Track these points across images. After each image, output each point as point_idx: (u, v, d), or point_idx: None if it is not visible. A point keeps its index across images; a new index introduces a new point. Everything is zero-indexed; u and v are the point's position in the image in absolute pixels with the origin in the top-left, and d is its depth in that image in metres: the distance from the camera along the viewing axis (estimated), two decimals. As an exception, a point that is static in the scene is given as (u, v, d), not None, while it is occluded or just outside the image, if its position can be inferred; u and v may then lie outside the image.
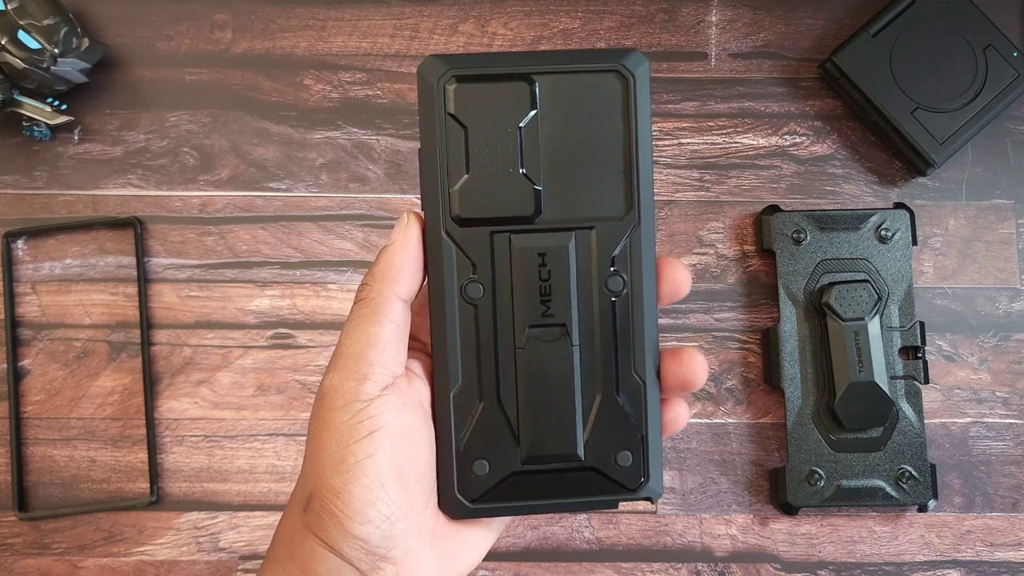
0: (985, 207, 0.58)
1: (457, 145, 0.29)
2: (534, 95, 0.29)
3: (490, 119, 0.29)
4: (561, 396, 0.30)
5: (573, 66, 0.29)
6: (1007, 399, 0.56)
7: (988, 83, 0.56)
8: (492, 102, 0.29)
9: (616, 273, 0.30)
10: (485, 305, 0.30)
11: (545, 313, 0.30)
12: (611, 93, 0.30)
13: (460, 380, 0.30)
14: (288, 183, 0.57)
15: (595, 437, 0.30)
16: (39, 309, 0.56)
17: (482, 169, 0.29)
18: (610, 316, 0.30)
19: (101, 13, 0.58)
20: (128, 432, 0.55)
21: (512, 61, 0.29)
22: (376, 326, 0.28)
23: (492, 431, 0.30)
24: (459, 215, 0.29)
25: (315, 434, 0.28)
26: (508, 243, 0.30)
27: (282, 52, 0.58)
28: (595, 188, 0.30)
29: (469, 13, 0.59)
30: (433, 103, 0.29)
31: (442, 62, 0.29)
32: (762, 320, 0.56)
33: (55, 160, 0.57)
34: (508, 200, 0.29)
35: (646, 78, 0.30)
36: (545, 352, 0.30)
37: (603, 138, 0.30)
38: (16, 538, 0.54)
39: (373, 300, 0.28)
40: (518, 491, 0.30)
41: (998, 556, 0.54)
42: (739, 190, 0.58)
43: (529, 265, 0.30)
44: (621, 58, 0.29)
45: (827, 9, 0.60)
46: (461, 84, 0.29)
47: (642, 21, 0.59)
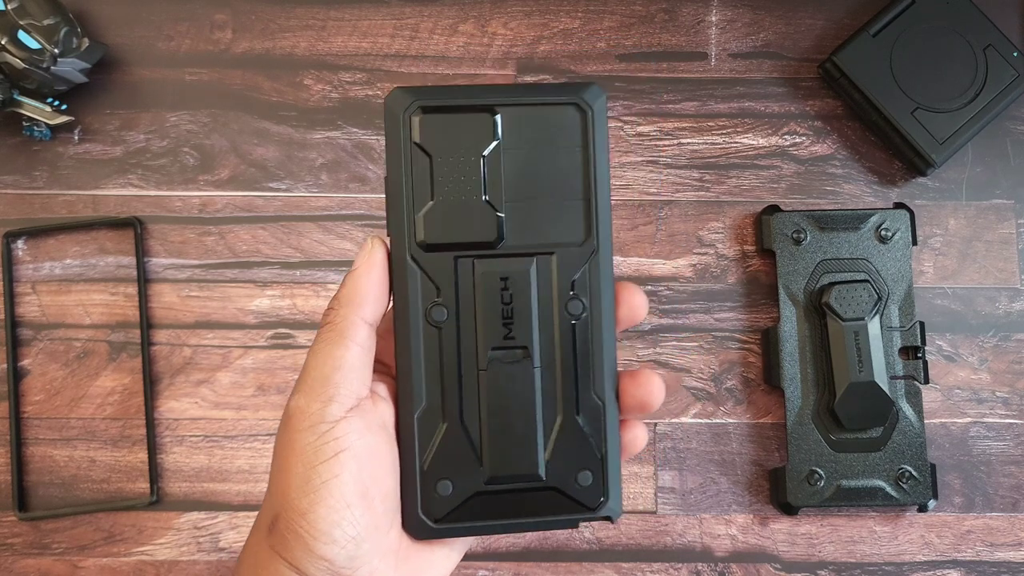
0: (985, 207, 0.58)
1: (422, 173, 0.30)
2: (496, 126, 0.30)
3: (454, 148, 0.30)
4: (523, 417, 0.31)
5: (534, 99, 0.31)
6: (1007, 399, 0.56)
7: (988, 83, 0.56)
8: (456, 132, 0.30)
9: (576, 297, 0.31)
10: (449, 328, 0.30)
11: (507, 336, 0.31)
12: (571, 125, 0.31)
13: (424, 401, 0.30)
14: (288, 183, 0.57)
15: (556, 457, 0.31)
16: (39, 309, 0.56)
17: (446, 196, 0.30)
18: (570, 339, 0.31)
19: (101, 13, 0.58)
20: (128, 432, 0.55)
21: (476, 93, 0.31)
22: (342, 349, 0.29)
23: (455, 452, 0.30)
24: (424, 240, 0.30)
25: (280, 455, 0.28)
26: (472, 267, 0.31)
27: (282, 52, 0.58)
28: (556, 215, 0.31)
29: (469, 13, 0.59)
30: (399, 133, 0.30)
31: (408, 94, 0.30)
32: (762, 320, 0.56)
33: (55, 160, 0.57)
34: (471, 226, 0.30)
35: (603, 110, 0.31)
36: (507, 374, 0.31)
37: (563, 168, 0.31)
38: (16, 538, 0.54)
39: (339, 324, 0.29)
40: (481, 511, 0.31)
41: (998, 556, 0.54)
42: (739, 190, 0.58)
43: (492, 289, 0.31)
44: (580, 91, 0.31)
45: (827, 9, 0.60)
46: (426, 115, 0.30)
47: (642, 21, 0.59)
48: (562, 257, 0.31)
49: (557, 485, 0.31)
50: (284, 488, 0.28)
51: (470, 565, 0.54)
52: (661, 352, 0.56)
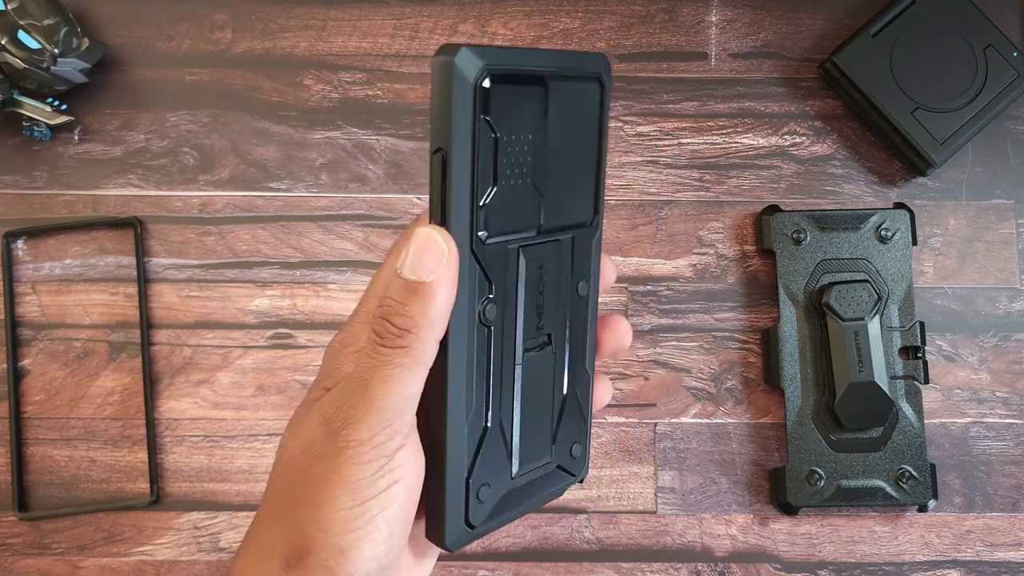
0: (985, 207, 0.58)
1: (487, 154, 0.25)
2: (547, 100, 0.27)
3: (515, 125, 0.26)
4: (545, 403, 0.30)
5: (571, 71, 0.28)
6: (1007, 399, 0.56)
7: (988, 83, 0.56)
8: (516, 107, 0.26)
9: (583, 277, 0.30)
10: (498, 325, 0.27)
11: (538, 326, 0.29)
12: (592, 100, 0.29)
13: (473, 407, 0.27)
14: (288, 183, 0.57)
15: (560, 435, 0.30)
16: (39, 309, 0.56)
17: (508, 180, 0.26)
18: (575, 319, 0.30)
19: (101, 13, 0.58)
20: (128, 432, 0.55)
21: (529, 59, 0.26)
22: (416, 379, 0.25)
23: (494, 453, 0.28)
24: (487, 232, 0.26)
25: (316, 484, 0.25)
26: (517, 257, 0.27)
27: (282, 52, 0.58)
28: (572, 194, 0.29)
29: (469, 13, 0.59)
30: (468, 105, 0.24)
31: (477, 55, 0.24)
32: (762, 320, 0.56)
33: (55, 160, 0.57)
34: (524, 214, 0.27)
35: (610, 83, 0.30)
36: (537, 364, 0.29)
37: (582, 146, 0.29)
38: (16, 538, 0.54)
39: (417, 350, 0.25)
40: (507, 506, 0.29)
41: (998, 556, 0.54)
42: (739, 190, 0.58)
43: (532, 279, 0.28)
44: (599, 63, 0.29)
45: (827, 9, 0.60)
46: (496, 84, 0.25)
47: (642, 21, 0.59)
48: (577, 238, 0.29)
49: (559, 462, 0.31)
50: (322, 522, 0.25)
51: (470, 565, 0.54)
52: (661, 352, 0.56)
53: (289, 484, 0.26)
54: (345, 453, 0.25)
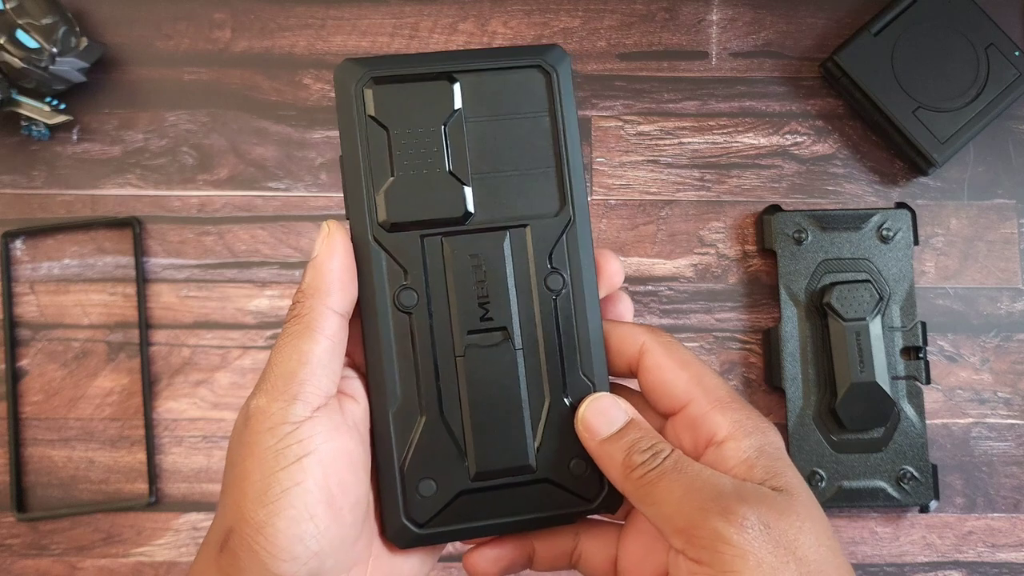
0: (987, 207, 0.58)
1: (380, 148, 0.28)
2: (455, 94, 0.29)
3: (412, 120, 0.28)
4: (508, 404, 0.28)
5: (493, 63, 0.29)
6: (1009, 399, 0.56)
7: (990, 82, 0.56)
8: (413, 103, 0.28)
9: (555, 271, 0.29)
10: (420, 313, 0.28)
11: (484, 317, 0.28)
12: (536, 89, 0.29)
13: (399, 395, 0.28)
14: (287, 183, 0.57)
15: (546, 446, 0.29)
16: (37, 309, 0.56)
17: (407, 171, 0.28)
18: (552, 316, 0.29)
19: (100, 12, 0.58)
20: (127, 432, 0.55)
21: (431, 61, 0.29)
22: (309, 343, 0.26)
23: (437, 447, 0.28)
24: (387, 220, 0.28)
25: (235, 462, 0.25)
26: (440, 246, 0.28)
27: (281, 51, 0.58)
28: (526, 186, 0.29)
29: (469, 12, 0.59)
30: (352, 107, 0.28)
31: (359, 65, 0.28)
32: (763, 320, 0.56)
33: (53, 160, 0.57)
34: (437, 202, 0.28)
35: (568, 73, 0.29)
36: (487, 358, 0.28)
37: (531, 135, 0.29)
38: (14, 539, 0.54)
39: (306, 316, 0.26)
40: (469, 511, 0.28)
41: (1000, 557, 0.54)
42: (740, 190, 0.57)
43: (464, 268, 0.28)
44: (542, 54, 0.29)
45: (828, 8, 0.59)
46: (380, 86, 0.28)
47: (643, 20, 0.59)
48: (536, 229, 0.29)
49: (550, 476, 0.29)
50: (238, 499, 0.25)
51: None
52: (662, 352, 0.56)
53: (225, 473, 0.26)
54: (249, 424, 0.25)
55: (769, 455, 0.26)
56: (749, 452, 0.26)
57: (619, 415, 0.28)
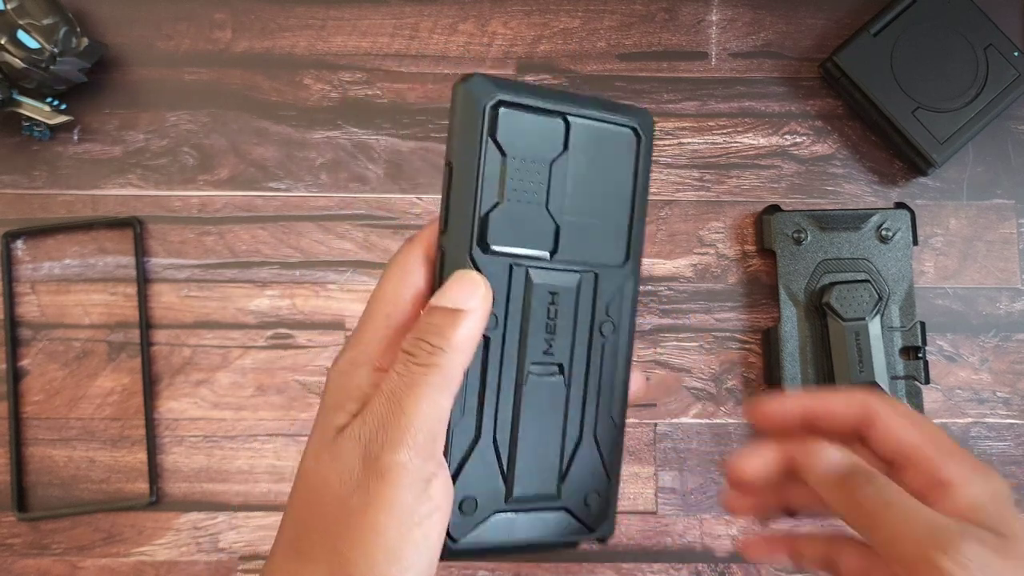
0: (986, 207, 0.58)
1: (494, 171, 0.29)
2: (567, 135, 0.30)
3: (527, 151, 0.29)
4: (551, 436, 0.30)
5: (601, 115, 0.30)
6: (1008, 399, 0.56)
7: (989, 83, 0.56)
8: (531, 134, 0.29)
9: (609, 319, 0.31)
10: (495, 338, 0.29)
11: (547, 351, 0.30)
12: (627, 147, 0.31)
13: (463, 414, 0.29)
14: (288, 183, 0.57)
15: (571, 478, 0.31)
16: (38, 309, 0.56)
17: (513, 200, 0.29)
18: (599, 359, 0.31)
19: (100, 12, 0.58)
20: (127, 432, 0.55)
21: (551, 97, 0.30)
22: (447, 400, 0.26)
23: (484, 468, 0.29)
24: (487, 242, 0.29)
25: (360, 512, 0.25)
26: (525, 277, 0.29)
27: (281, 51, 0.58)
28: (603, 235, 0.31)
29: (469, 12, 0.59)
30: (477, 125, 0.28)
31: (491, 84, 0.28)
32: (763, 320, 0.56)
33: (54, 160, 0.57)
34: (533, 234, 0.29)
35: (651, 140, 0.31)
36: (542, 391, 0.30)
37: (615, 188, 0.31)
38: (15, 538, 0.54)
39: (448, 371, 0.26)
40: (496, 531, 0.30)
41: (999, 556, 0.54)
42: (740, 190, 0.58)
43: (541, 302, 0.30)
44: (637, 116, 0.31)
45: (828, 8, 0.59)
46: (507, 110, 0.29)
47: (642, 20, 0.59)
48: (603, 277, 0.31)
49: (569, 507, 0.31)
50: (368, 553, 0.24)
51: (470, 565, 0.54)
52: (661, 352, 0.56)
53: (324, 516, 0.25)
54: (387, 477, 0.25)
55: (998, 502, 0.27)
56: (979, 497, 0.27)
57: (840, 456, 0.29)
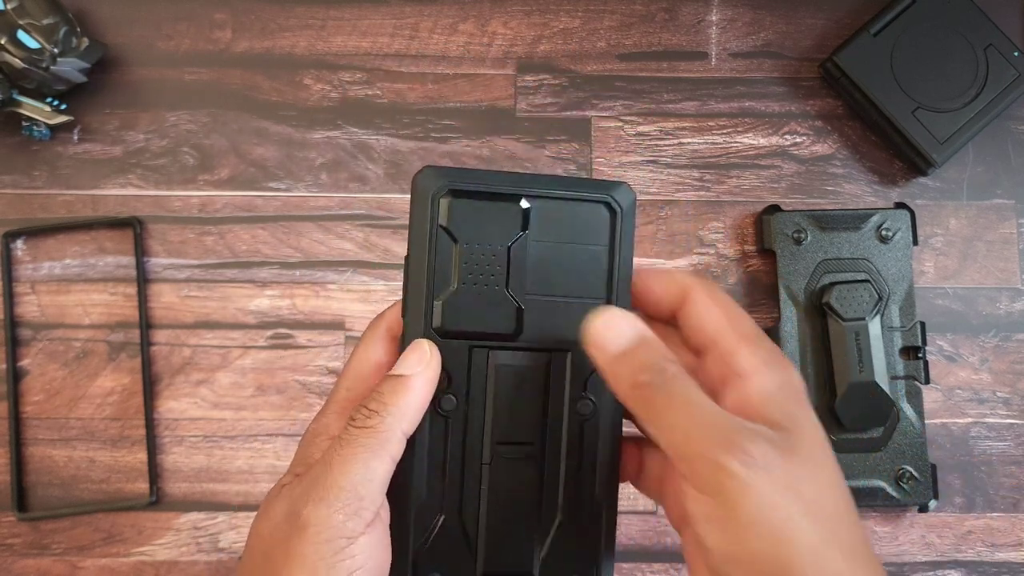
0: (986, 207, 0.58)
1: (446, 258, 0.29)
2: (526, 216, 0.30)
3: (481, 235, 0.29)
4: (522, 514, 0.30)
5: (566, 193, 0.30)
6: (1008, 399, 0.56)
7: (989, 83, 0.56)
8: (484, 219, 0.29)
9: (586, 398, 0.30)
10: (456, 418, 0.29)
11: (514, 431, 0.30)
12: (599, 223, 0.30)
13: (424, 495, 0.29)
14: (288, 183, 0.57)
15: (551, 558, 0.30)
16: (38, 309, 0.56)
17: (469, 284, 0.29)
18: (577, 438, 0.30)
19: (100, 12, 0.58)
20: (127, 432, 0.55)
21: (508, 182, 0.30)
22: (378, 462, 0.26)
23: (450, 545, 0.29)
24: (441, 327, 0.29)
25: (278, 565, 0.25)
26: (486, 359, 0.30)
27: (282, 51, 0.58)
28: (575, 313, 0.30)
29: (469, 12, 0.59)
30: (426, 214, 0.29)
31: (439, 175, 0.29)
32: (762, 320, 0.56)
33: (54, 160, 0.57)
34: (491, 317, 0.29)
35: (632, 211, 0.30)
36: (510, 469, 0.30)
37: (587, 265, 0.30)
38: (15, 538, 0.54)
39: (382, 433, 0.27)
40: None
41: (999, 556, 0.54)
42: (739, 190, 0.58)
43: (504, 382, 0.30)
44: (611, 190, 0.30)
45: (828, 8, 0.59)
46: (456, 199, 0.29)
47: (642, 20, 0.59)
48: (577, 356, 0.30)
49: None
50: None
51: None
52: (661, 352, 0.56)
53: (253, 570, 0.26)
54: (304, 533, 0.25)
55: (787, 395, 0.26)
56: (768, 390, 0.26)
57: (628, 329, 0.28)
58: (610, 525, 0.31)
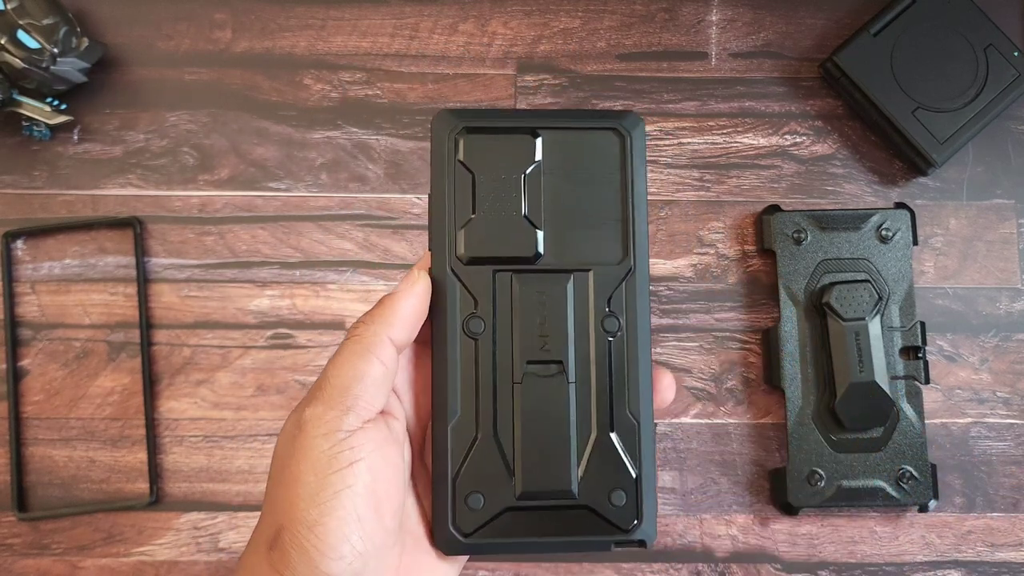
0: (986, 207, 0.58)
1: (465, 190, 0.31)
2: (537, 148, 0.31)
3: (496, 168, 0.31)
4: (557, 432, 0.31)
5: (574, 123, 0.32)
6: (1008, 399, 0.56)
7: (989, 83, 0.56)
8: (499, 153, 0.31)
9: (612, 315, 0.31)
10: (485, 340, 0.31)
11: (543, 349, 0.31)
12: (610, 149, 0.32)
13: (459, 413, 0.30)
14: (288, 183, 0.57)
15: (589, 475, 0.31)
16: (38, 309, 0.56)
17: (487, 213, 0.31)
18: (606, 355, 0.31)
19: (101, 12, 0.58)
20: (127, 432, 0.55)
21: (519, 117, 0.32)
22: (365, 363, 0.28)
23: (488, 465, 0.30)
24: (464, 254, 0.31)
25: (287, 464, 0.27)
26: (510, 282, 0.31)
27: (282, 51, 0.58)
28: (593, 235, 0.32)
29: (469, 12, 0.59)
30: (444, 152, 0.31)
31: (454, 116, 0.31)
32: (762, 320, 0.56)
33: (54, 160, 0.57)
34: (511, 242, 0.31)
35: (642, 136, 0.32)
36: (542, 388, 0.31)
37: (601, 190, 0.32)
38: (15, 538, 0.54)
39: (367, 338, 0.29)
40: (511, 527, 0.30)
41: (999, 556, 0.54)
42: (739, 190, 0.58)
43: (529, 303, 0.31)
44: (619, 118, 0.32)
45: (828, 8, 0.59)
46: (470, 135, 0.31)
47: (642, 20, 0.59)
48: (598, 274, 0.31)
49: (589, 504, 0.31)
50: (291, 499, 0.27)
51: (470, 565, 0.54)
52: (661, 352, 0.56)
53: (272, 475, 0.28)
54: (304, 429, 0.27)
55: None
56: None
57: None
58: (647, 440, 0.31)
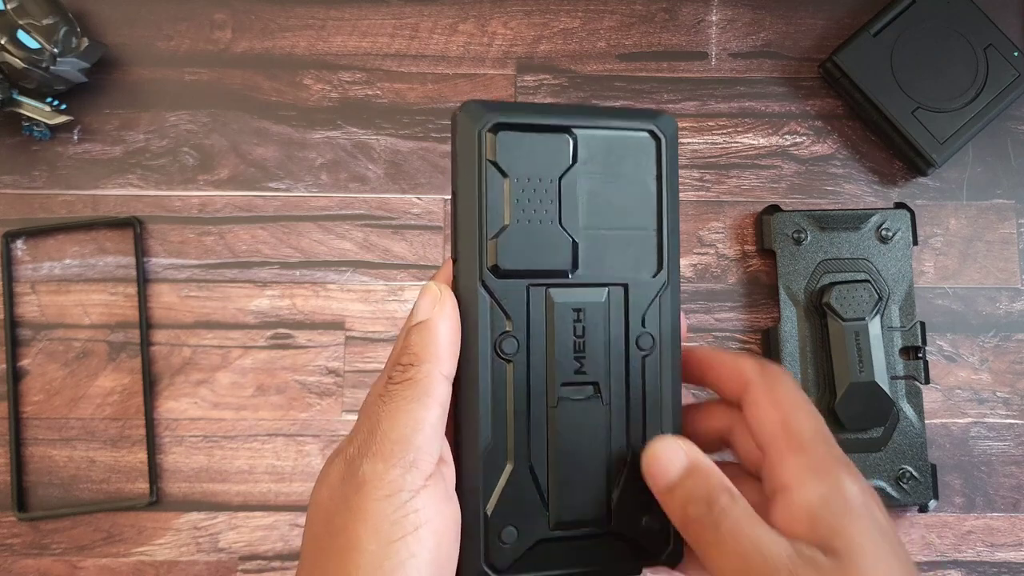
0: (986, 207, 0.58)
1: (497, 194, 0.28)
2: (574, 148, 0.29)
3: (531, 169, 0.28)
4: (592, 457, 0.29)
5: (610, 123, 0.29)
6: (1008, 399, 0.56)
7: (988, 83, 0.56)
8: (533, 153, 0.28)
9: (646, 332, 0.30)
10: (519, 361, 0.28)
11: (578, 370, 0.29)
12: (645, 153, 0.30)
13: (490, 441, 0.28)
14: (288, 183, 0.57)
15: (623, 500, 0.29)
16: (38, 309, 0.56)
17: (522, 220, 0.28)
18: (639, 374, 0.29)
19: (101, 13, 0.58)
20: (127, 432, 0.55)
21: (553, 112, 0.29)
22: (424, 410, 0.26)
23: (521, 495, 0.28)
24: (497, 266, 0.28)
25: (342, 528, 0.24)
26: (545, 297, 0.29)
27: (282, 52, 0.58)
28: (628, 245, 0.29)
29: (469, 12, 0.59)
30: (473, 150, 0.28)
31: (484, 108, 0.28)
32: (762, 320, 0.56)
33: (54, 160, 0.57)
34: (547, 253, 0.29)
35: (675, 141, 0.30)
36: (577, 411, 0.29)
37: (636, 196, 0.30)
38: (15, 538, 0.54)
39: (422, 381, 0.26)
40: (545, 560, 0.29)
41: (999, 556, 0.54)
42: (739, 190, 0.58)
43: (564, 320, 0.29)
44: (654, 119, 0.30)
45: (828, 9, 0.60)
46: (504, 132, 0.28)
47: (642, 20, 0.59)
48: (634, 289, 0.29)
49: (622, 530, 0.29)
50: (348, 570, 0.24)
51: None
52: (661, 352, 0.56)
53: (317, 536, 0.25)
54: (363, 489, 0.25)
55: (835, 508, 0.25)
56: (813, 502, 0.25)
57: (678, 459, 0.27)
58: None
